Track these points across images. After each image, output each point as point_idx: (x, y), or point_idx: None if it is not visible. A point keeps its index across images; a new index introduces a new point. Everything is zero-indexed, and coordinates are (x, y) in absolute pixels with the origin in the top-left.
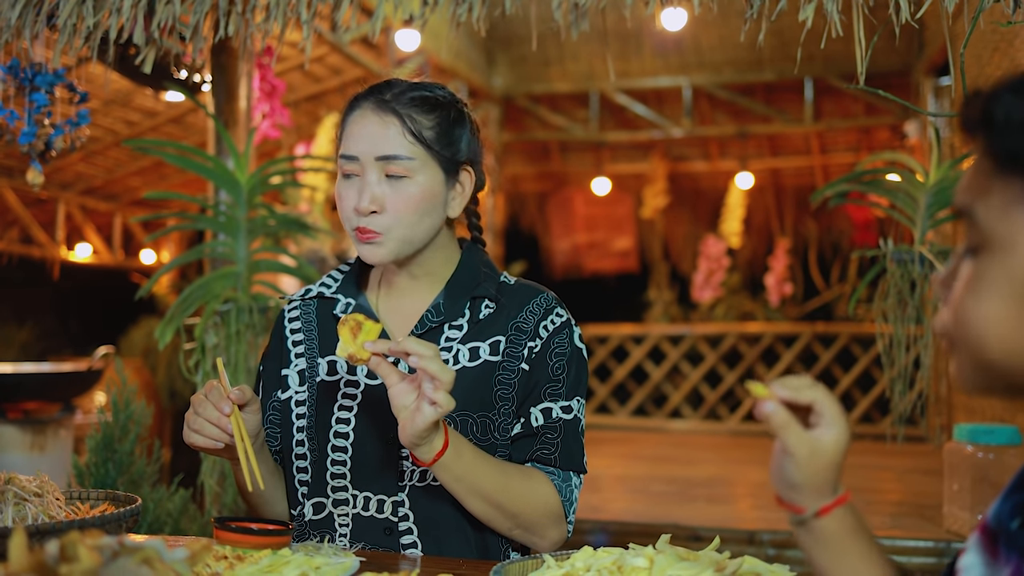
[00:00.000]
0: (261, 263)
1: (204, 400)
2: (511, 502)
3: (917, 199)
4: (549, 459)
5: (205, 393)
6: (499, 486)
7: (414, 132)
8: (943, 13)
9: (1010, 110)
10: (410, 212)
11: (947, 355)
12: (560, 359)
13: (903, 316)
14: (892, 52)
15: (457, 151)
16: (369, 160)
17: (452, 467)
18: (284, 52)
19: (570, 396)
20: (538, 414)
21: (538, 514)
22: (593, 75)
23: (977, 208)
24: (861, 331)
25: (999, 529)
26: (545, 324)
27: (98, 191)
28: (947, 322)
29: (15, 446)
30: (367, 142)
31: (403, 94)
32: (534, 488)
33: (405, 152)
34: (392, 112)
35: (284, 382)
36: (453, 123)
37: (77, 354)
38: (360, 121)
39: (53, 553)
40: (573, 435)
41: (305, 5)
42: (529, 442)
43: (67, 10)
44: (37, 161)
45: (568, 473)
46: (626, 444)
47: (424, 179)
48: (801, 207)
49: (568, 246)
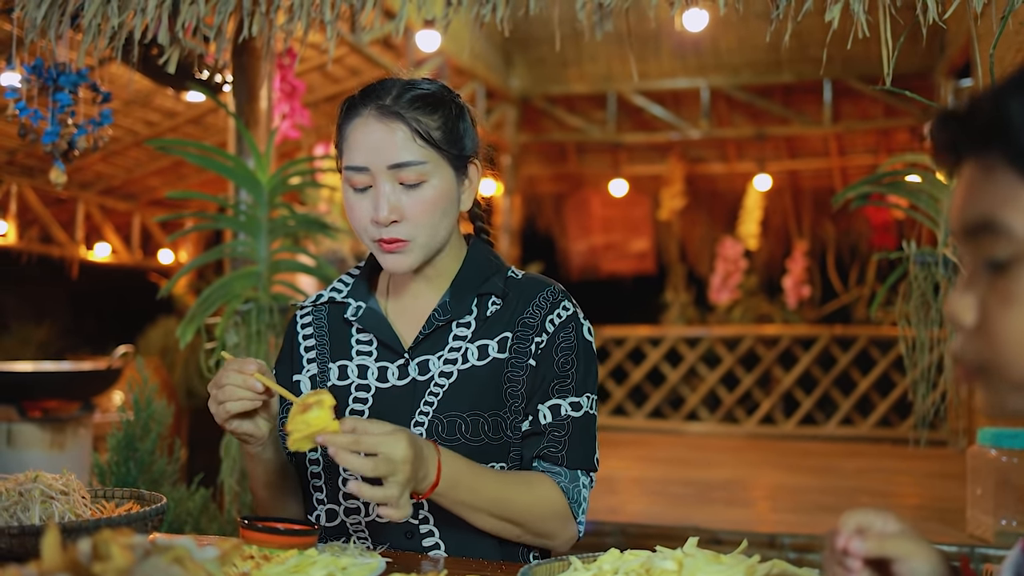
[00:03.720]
0: (281, 263)
1: (225, 369)
2: (516, 514)
3: (940, 201)
4: (556, 457)
5: (224, 367)
6: (501, 502)
7: (422, 135)
8: (969, 13)
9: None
10: (430, 215)
11: (966, 382)
12: (567, 354)
13: (926, 319)
14: (912, 54)
15: (463, 146)
16: (380, 169)
17: (449, 495)
18: (303, 53)
19: (579, 392)
20: (546, 411)
21: (545, 520)
22: (611, 76)
23: (1007, 219)
24: (880, 334)
25: None
26: (551, 318)
27: (117, 191)
28: (971, 348)
29: (35, 444)
30: (375, 151)
31: (402, 96)
32: (538, 495)
33: (417, 157)
34: (397, 117)
35: (296, 388)
36: (456, 118)
37: (95, 353)
38: (363, 129)
39: (86, 551)
40: (583, 432)
41: (329, 6)
42: (537, 440)
43: (92, 10)
44: (60, 161)
45: (576, 472)
46: (642, 446)
47: (438, 181)
48: (819, 209)
49: (585, 247)
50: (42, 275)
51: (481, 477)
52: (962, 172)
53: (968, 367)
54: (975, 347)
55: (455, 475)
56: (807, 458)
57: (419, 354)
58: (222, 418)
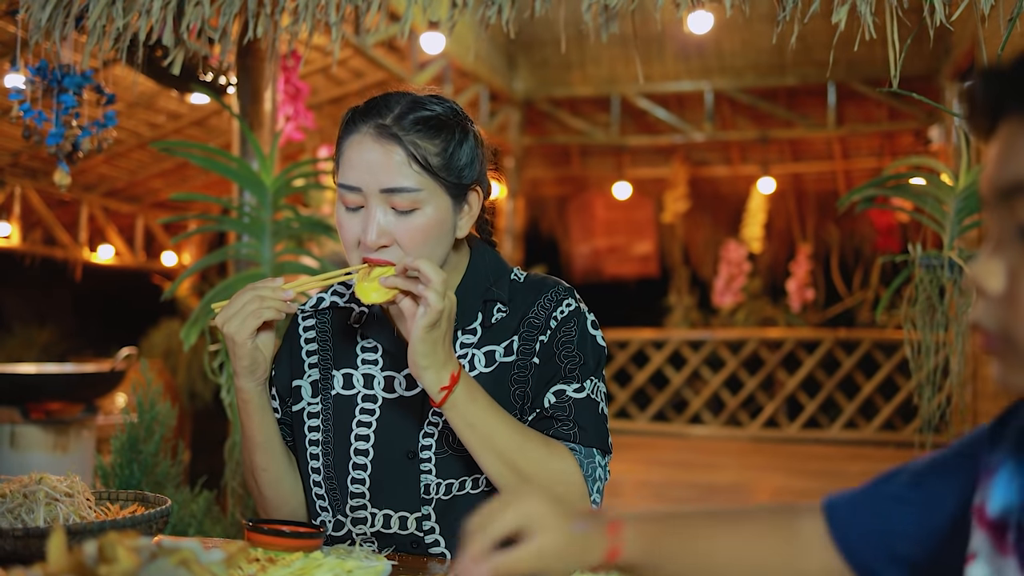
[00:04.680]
0: (285, 265)
1: (248, 289)
2: (527, 463)
3: (946, 204)
4: (569, 435)
5: (243, 290)
6: (516, 444)
7: (419, 160)
8: (976, 14)
9: None
10: (420, 244)
11: (986, 354)
12: (568, 347)
13: (932, 322)
14: (917, 57)
15: (463, 175)
16: (373, 192)
17: (464, 409)
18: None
19: (583, 378)
20: (550, 396)
21: (555, 482)
22: (614, 79)
23: None
24: (884, 337)
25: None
26: (555, 315)
27: (121, 193)
28: (995, 316)
29: (38, 446)
30: (369, 173)
31: (404, 117)
32: (553, 455)
33: (411, 184)
34: (394, 139)
35: (297, 393)
36: (458, 144)
37: (98, 355)
38: (359, 148)
39: (92, 554)
40: (590, 412)
41: (334, 8)
42: (544, 423)
43: (96, 12)
44: (64, 162)
45: (591, 450)
46: (646, 449)
47: (432, 209)
48: (823, 212)
49: (588, 250)
50: (45, 277)
51: (501, 411)
52: (998, 134)
53: (990, 336)
54: (1000, 315)
55: (474, 390)
56: (811, 461)
57: None
58: (247, 331)
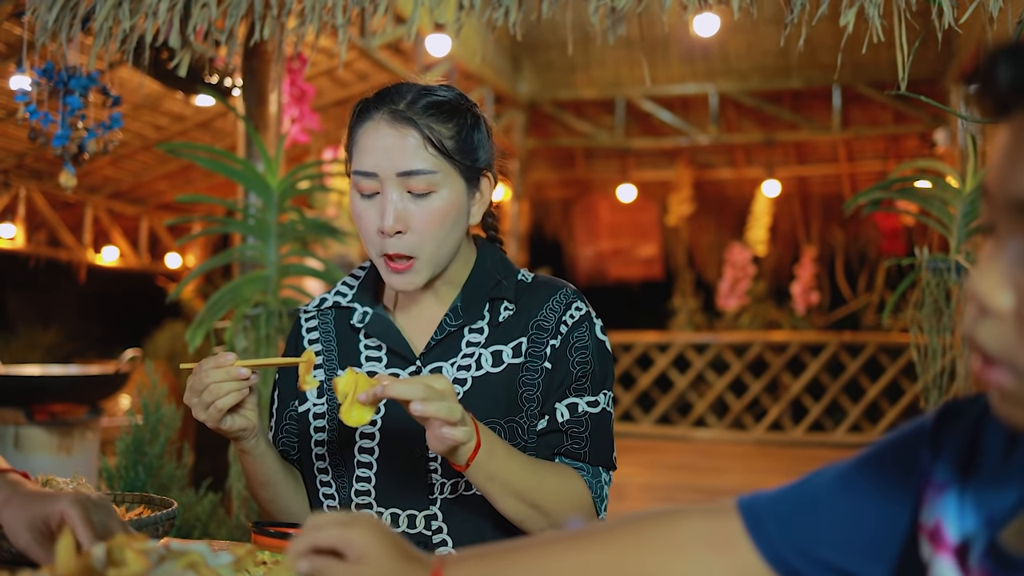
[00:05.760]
0: (290, 267)
1: (199, 371)
2: (545, 500)
3: (952, 207)
4: (578, 454)
5: (196, 370)
6: (532, 484)
7: (435, 143)
8: (984, 17)
9: None
10: (437, 228)
11: (984, 374)
12: (582, 354)
13: (938, 325)
14: (922, 60)
15: (476, 158)
16: (389, 176)
17: (485, 466)
18: (313, 57)
19: (596, 391)
20: (563, 409)
21: (572, 512)
22: (619, 81)
23: None
24: (889, 340)
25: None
26: (565, 319)
27: (125, 195)
28: (999, 335)
29: (42, 448)
30: (385, 157)
31: (416, 102)
32: (567, 485)
33: (427, 166)
34: (409, 123)
35: (302, 394)
36: (471, 129)
37: (103, 357)
38: (374, 134)
39: (100, 556)
40: (601, 430)
41: (340, 10)
42: (555, 438)
43: (103, 13)
44: (70, 164)
45: (597, 469)
46: (650, 452)
47: (448, 192)
48: (828, 215)
49: (592, 253)
50: (50, 279)
51: (516, 455)
52: (1013, 120)
53: (990, 360)
54: (1005, 337)
55: (493, 445)
56: (816, 465)
57: (431, 361)
58: (215, 419)
